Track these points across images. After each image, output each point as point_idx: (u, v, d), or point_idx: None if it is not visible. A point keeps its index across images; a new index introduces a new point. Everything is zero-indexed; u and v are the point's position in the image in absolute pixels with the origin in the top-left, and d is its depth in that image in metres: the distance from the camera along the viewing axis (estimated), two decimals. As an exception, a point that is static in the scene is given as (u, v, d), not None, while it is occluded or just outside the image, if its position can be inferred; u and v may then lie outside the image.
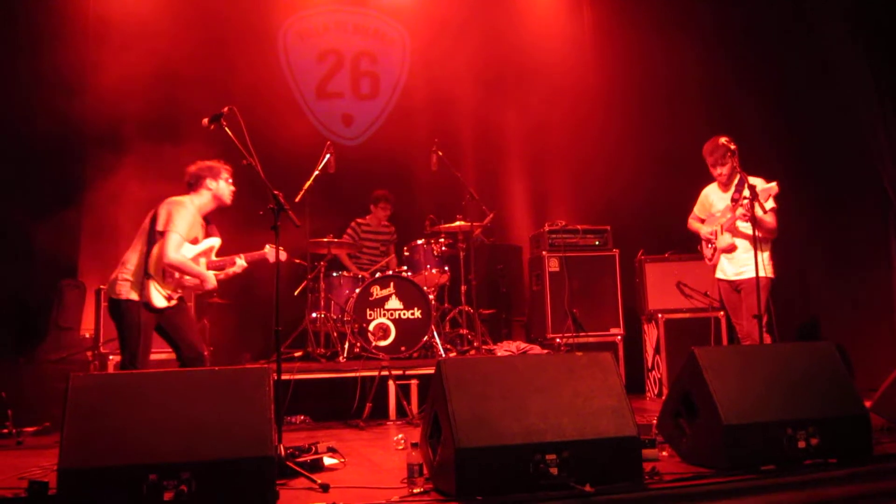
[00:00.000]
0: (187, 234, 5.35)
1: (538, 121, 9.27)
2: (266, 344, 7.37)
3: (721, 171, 6.12)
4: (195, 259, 5.41)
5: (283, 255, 5.50)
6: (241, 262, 5.63)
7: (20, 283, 7.50)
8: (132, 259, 5.27)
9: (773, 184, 5.72)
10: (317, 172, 7.09)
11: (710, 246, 6.32)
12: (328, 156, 7.22)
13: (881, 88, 7.32)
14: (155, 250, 5.23)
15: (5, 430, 6.23)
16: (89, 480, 3.39)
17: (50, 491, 3.62)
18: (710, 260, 6.35)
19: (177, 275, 5.30)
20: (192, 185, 5.50)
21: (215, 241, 5.61)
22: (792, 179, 6.22)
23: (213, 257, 5.59)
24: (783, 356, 4.52)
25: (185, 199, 5.44)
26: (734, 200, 6.01)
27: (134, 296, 5.18)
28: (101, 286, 6.95)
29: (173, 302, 5.35)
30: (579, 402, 3.90)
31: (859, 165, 7.60)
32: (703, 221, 6.43)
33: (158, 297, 5.25)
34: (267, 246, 5.66)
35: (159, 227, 5.22)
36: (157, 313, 5.28)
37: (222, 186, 5.53)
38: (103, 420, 3.55)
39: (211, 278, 5.45)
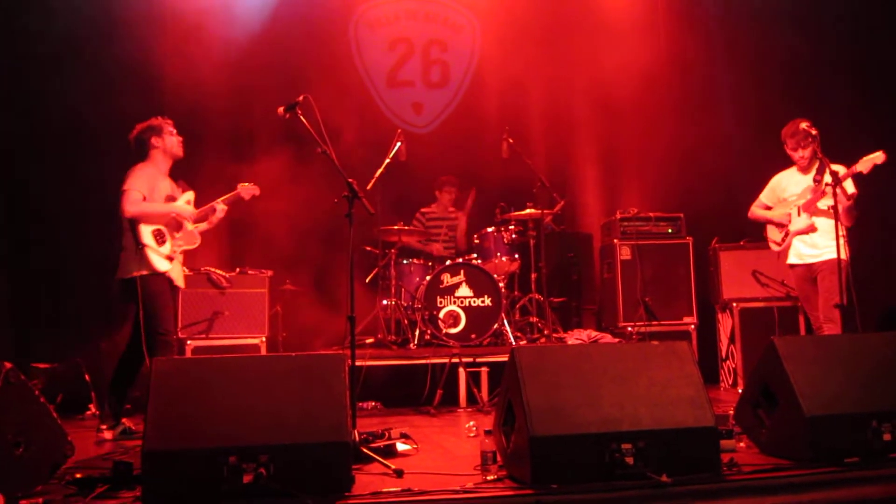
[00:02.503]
0: (152, 193, 5.46)
1: (610, 106, 9.14)
2: (338, 330, 7.44)
3: (803, 153, 5.97)
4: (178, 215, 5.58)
5: (255, 190, 5.89)
6: (220, 205, 5.77)
7: (102, 269, 7.70)
8: (126, 239, 5.46)
9: (879, 153, 5.57)
10: (388, 160, 7.13)
11: (781, 230, 6.16)
12: (399, 144, 7.24)
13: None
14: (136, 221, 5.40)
15: (89, 412, 6.43)
16: (172, 462, 3.47)
17: (134, 471, 3.71)
18: (780, 244, 6.19)
19: (164, 231, 5.46)
20: (140, 152, 5.62)
21: (188, 195, 5.73)
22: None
23: (194, 209, 5.72)
24: (866, 346, 4.39)
25: (144, 164, 5.58)
26: (816, 181, 5.86)
27: (140, 271, 5.34)
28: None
29: (175, 261, 5.52)
30: (655, 391, 3.85)
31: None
32: (769, 209, 6.29)
33: (159, 259, 5.39)
34: (238, 185, 5.88)
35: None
36: (166, 280, 5.45)
37: (169, 140, 5.62)
38: (185, 404, 3.63)
39: (183, 209, 5.58)
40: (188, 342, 7.00)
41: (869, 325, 5.60)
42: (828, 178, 5.56)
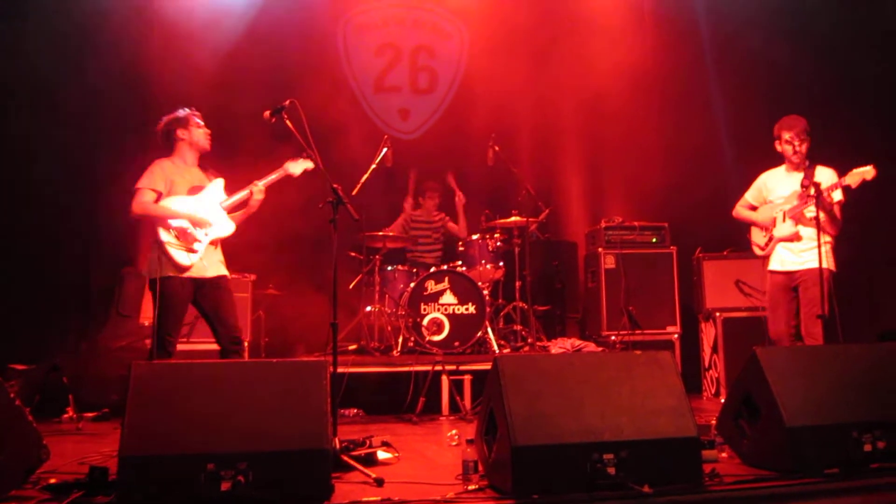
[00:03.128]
0: (171, 187, 5.32)
1: (596, 115, 9.17)
2: (320, 336, 7.41)
3: (799, 148, 5.76)
4: (205, 204, 5.39)
5: (308, 165, 5.46)
6: (257, 188, 5.48)
7: (83, 271, 7.65)
8: (150, 236, 5.32)
9: (869, 167, 5.44)
10: (374, 166, 7.12)
11: (765, 234, 6.00)
12: (385, 149, 7.24)
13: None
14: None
15: (66, 416, 6.36)
16: (149, 468, 3.43)
17: (110, 477, 3.67)
18: (763, 248, 6.02)
19: (188, 228, 5.27)
20: (166, 144, 5.49)
21: (218, 182, 5.54)
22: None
23: (227, 196, 5.52)
24: (848, 356, 4.39)
25: (164, 159, 5.44)
26: (804, 187, 5.68)
27: (161, 272, 5.19)
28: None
29: (195, 257, 5.27)
30: (638, 401, 3.84)
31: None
32: (754, 209, 6.13)
33: (180, 254, 5.22)
34: (287, 162, 5.50)
35: None
36: (186, 283, 5.26)
37: (195, 132, 5.49)
38: (163, 409, 3.59)
39: (194, 216, 5.32)
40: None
41: (851, 336, 5.58)
42: (820, 183, 5.47)
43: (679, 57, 8.82)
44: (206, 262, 5.35)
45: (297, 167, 5.49)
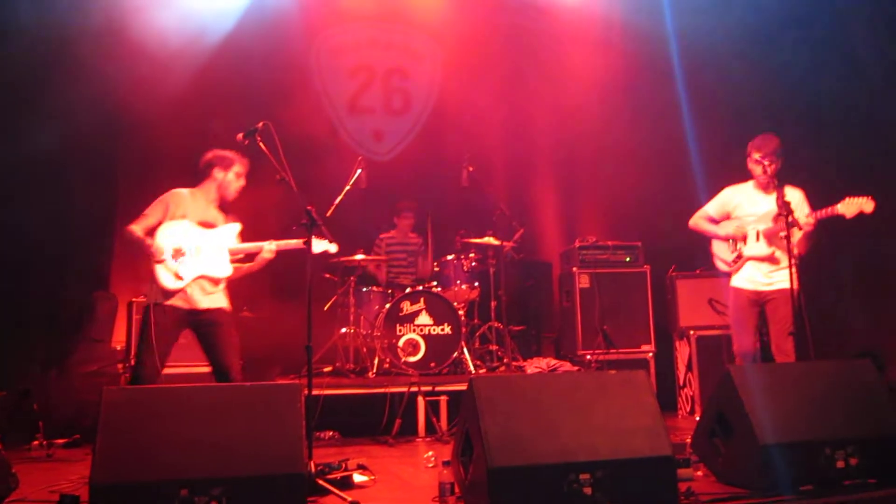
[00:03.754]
0: (178, 216, 5.20)
1: (569, 136, 9.24)
2: (296, 358, 7.36)
3: (769, 168, 5.75)
4: (209, 240, 5.26)
5: (332, 248, 5.39)
6: (269, 247, 5.39)
7: (53, 294, 7.56)
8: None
9: (866, 199, 5.40)
10: (348, 187, 7.12)
11: (732, 250, 6.00)
12: (360, 171, 7.24)
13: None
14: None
15: (36, 443, 6.27)
16: (121, 495, 3.40)
17: (81, 504, 3.63)
18: (729, 265, 5.98)
19: (184, 254, 5.15)
20: (200, 174, 5.41)
21: (234, 226, 5.44)
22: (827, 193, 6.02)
23: (237, 243, 5.41)
24: (820, 374, 4.46)
25: (183, 189, 5.34)
26: (780, 206, 5.58)
27: (154, 298, 5.09)
28: (133, 298, 6.99)
29: (181, 283, 5.13)
30: (613, 421, 3.86)
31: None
32: (715, 223, 6.09)
33: (167, 276, 5.10)
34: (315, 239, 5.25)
35: None
36: (173, 312, 5.13)
37: (229, 178, 5.40)
38: (135, 434, 3.56)
39: (155, 248, 5.11)
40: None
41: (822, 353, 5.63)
42: (794, 208, 5.52)
43: (651, 78, 8.89)
44: (195, 292, 5.21)
45: (318, 245, 5.32)
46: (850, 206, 5.41)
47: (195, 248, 5.22)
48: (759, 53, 8.31)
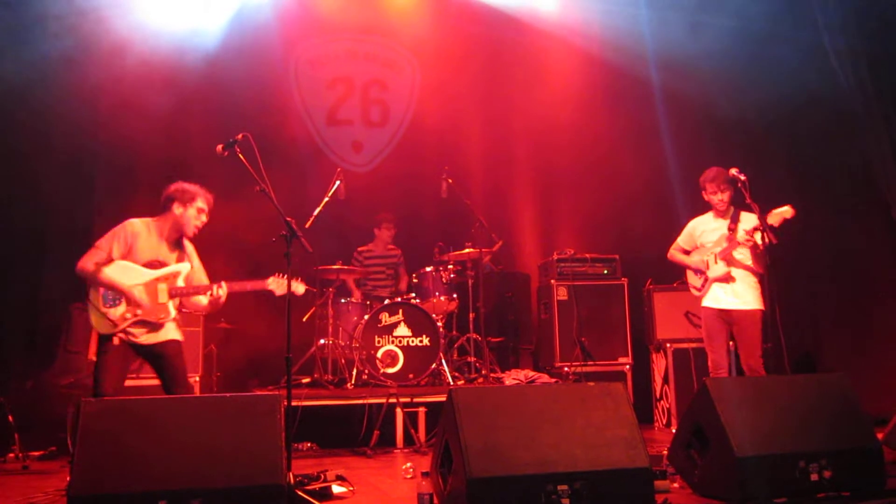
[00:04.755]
0: (129, 253, 5.02)
1: (548, 147, 9.30)
2: (274, 369, 7.35)
3: (722, 197, 6.15)
4: (151, 283, 5.04)
5: (299, 288, 5.21)
6: (218, 291, 5.13)
7: (29, 306, 7.50)
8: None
9: (787, 207, 5.80)
10: (327, 199, 7.13)
11: (699, 276, 6.31)
12: (338, 182, 7.26)
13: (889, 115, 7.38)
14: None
15: (11, 455, 6.21)
16: (99, 507, 3.38)
17: (59, 517, 3.60)
18: (700, 290, 6.31)
19: (120, 300, 4.94)
20: (163, 206, 5.22)
21: (182, 267, 5.19)
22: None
23: (180, 283, 5.17)
24: (795, 388, 4.51)
25: (138, 221, 5.14)
26: (731, 230, 6.09)
27: (100, 328, 4.98)
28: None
29: (121, 334, 4.93)
30: (591, 432, 3.89)
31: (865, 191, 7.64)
32: (687, 253, 6.46)
33: (101, 322, 4.95)
34: (270, 278, 5.21)
35: None
36: (125, 342, 4.95)
37: (189, 214, 5.18)
38: (114, 446, 3.55)
39: (135, 294, 4.94)
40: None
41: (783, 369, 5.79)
42: (745, 224, 5.83)
43: (629, 91, 8.98)
44: (135, 331, 5.00)
45: (280, 287, 5.18)
46: (775, 217, 5.82)
47: (136, 292, 4.99)
48: (736, 66, 8.40)
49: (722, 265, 6.14)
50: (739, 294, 6.06)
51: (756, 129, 8.43)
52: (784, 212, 5.79)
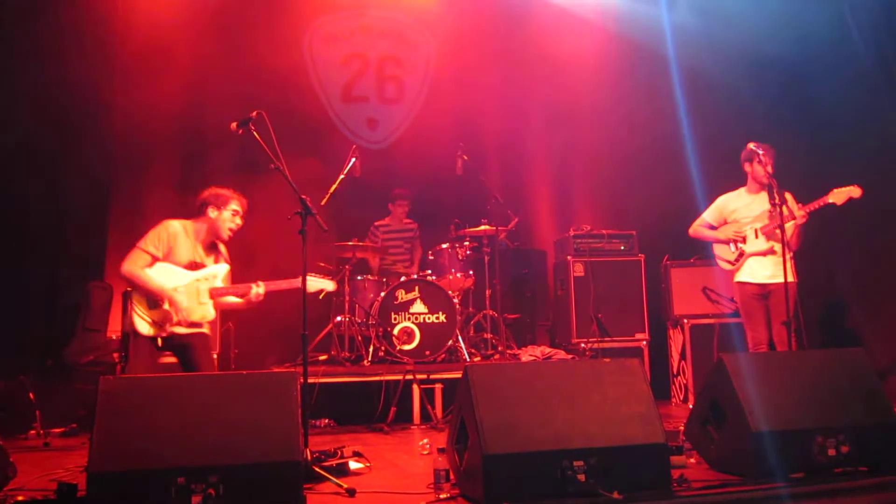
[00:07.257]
0: (170, 254, 5.18)
1: (564, 123, 9.24)
2: (290, 347, 7.38)
3: (764, 170, 6.04)
4: (192, 284, 5.22)
5: (329, 286, 5.47)
6: (257, 289, 5.36)
7: (48, 284, 7.56)
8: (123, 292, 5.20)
9: (854, 187, 5.78)
10: (342, 176, 7.12)
11: (734, 249, 6.28)
12: (354, 159, 7.24)
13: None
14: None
15: (33, 432, 6.29)
16: (118, 483, 3.41)
17: (79, 493, 3.64)
18: (734, 263, 6.31)
19: (165, 304, 5.10)
20: (198, 210, 5.39)
21: (220, 268, 5.42)
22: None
23: (219, 283, 5.37)
24: (813, 363, 4.48)
25: (177, 223, 5.29)
26: (774, 205, 5.97)
27: (130, 327, 5.10)
28: (128, 288, 6.98)
29: (163, 333, 5.12)
30: (607, 408, 3.88)
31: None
32: (713, 229, 6.45)
33: (142, 323, 5.09)
34: (311, 276, 5.32)
35: None
36: (149, 342, 5.11)
37: (223, 217, 5.35)
38: (132, 423, 3.57)
39: (174, 298, 5.11)
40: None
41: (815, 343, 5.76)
42: (790, 204, 5.78)
43: (647, 67, 8.88)
44: (174, 330, 5.19)
45: (315, 284, 5.40)
46: (839, 195, 5.79)
47: (176, 293, 5.16)
48: (757, 46, 8.29)
49: (762, 240, 6.16)
50: (776, 267, 6.03)
51: (777, 104, 8.31)
52: (851, 191, 5.76)
